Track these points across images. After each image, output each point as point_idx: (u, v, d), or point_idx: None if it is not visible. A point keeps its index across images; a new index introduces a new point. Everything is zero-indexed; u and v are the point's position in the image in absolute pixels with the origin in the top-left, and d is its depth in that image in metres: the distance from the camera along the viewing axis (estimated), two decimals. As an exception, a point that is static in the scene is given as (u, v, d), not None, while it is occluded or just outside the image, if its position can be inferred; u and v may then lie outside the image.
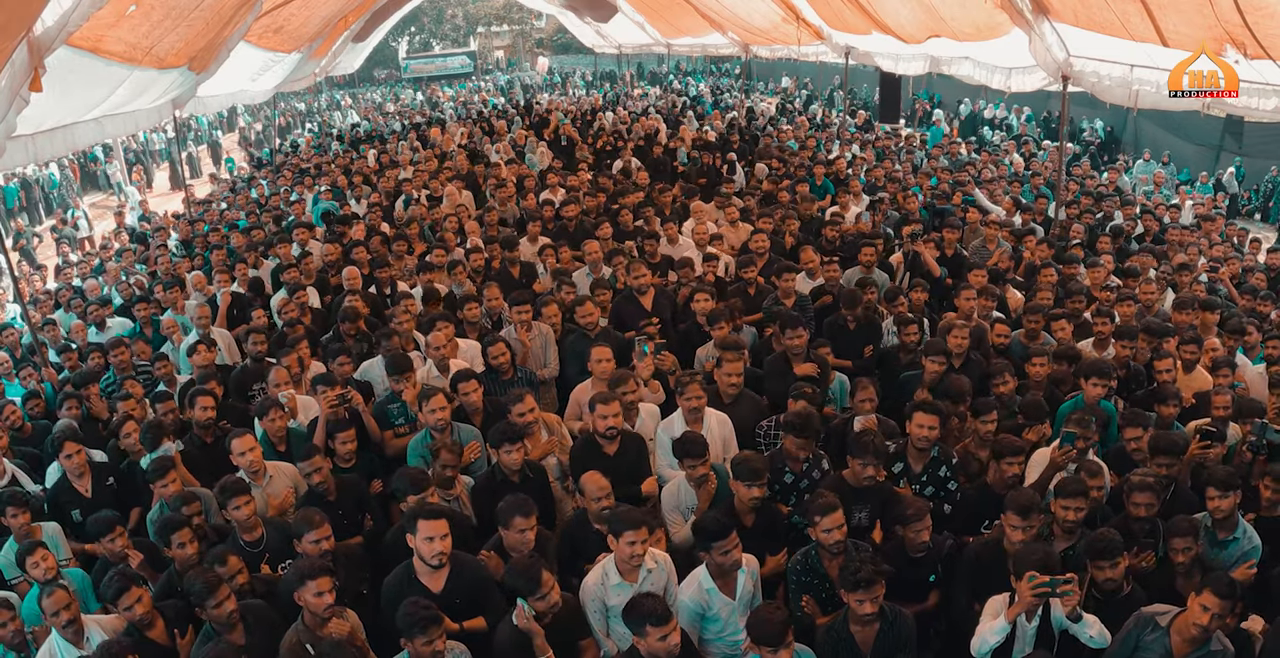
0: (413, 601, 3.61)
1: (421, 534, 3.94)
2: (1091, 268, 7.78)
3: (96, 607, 4.57)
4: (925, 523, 4.29)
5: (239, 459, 5.00)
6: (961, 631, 4.10)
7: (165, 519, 4.61)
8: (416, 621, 3.50)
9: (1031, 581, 3.65)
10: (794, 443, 4.81)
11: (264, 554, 4.54)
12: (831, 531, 4.05)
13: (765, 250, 8.07)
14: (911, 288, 7.45)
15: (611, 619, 3.99)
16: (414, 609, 3.53)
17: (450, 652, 3.77)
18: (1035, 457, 5.05)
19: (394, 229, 10.10)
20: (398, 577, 4.08)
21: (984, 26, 9.80)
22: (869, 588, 3.71)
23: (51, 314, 9.21)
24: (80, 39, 6.83)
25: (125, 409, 5.87)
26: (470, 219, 10.08)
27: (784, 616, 3.55)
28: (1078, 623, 3.74)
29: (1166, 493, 4.64)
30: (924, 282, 7.59)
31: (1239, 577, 4.01)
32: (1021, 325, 6.67)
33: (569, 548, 4.51)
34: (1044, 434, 5.25)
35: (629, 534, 3.93)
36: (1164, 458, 4.72)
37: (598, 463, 4.84)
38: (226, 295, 8.09)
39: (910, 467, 4.93)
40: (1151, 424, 5.16)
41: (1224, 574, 3.79)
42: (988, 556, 4.25)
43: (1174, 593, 4.10)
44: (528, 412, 5.08)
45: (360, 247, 8.80)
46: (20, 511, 4.95)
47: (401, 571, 4.10)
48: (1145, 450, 4.87)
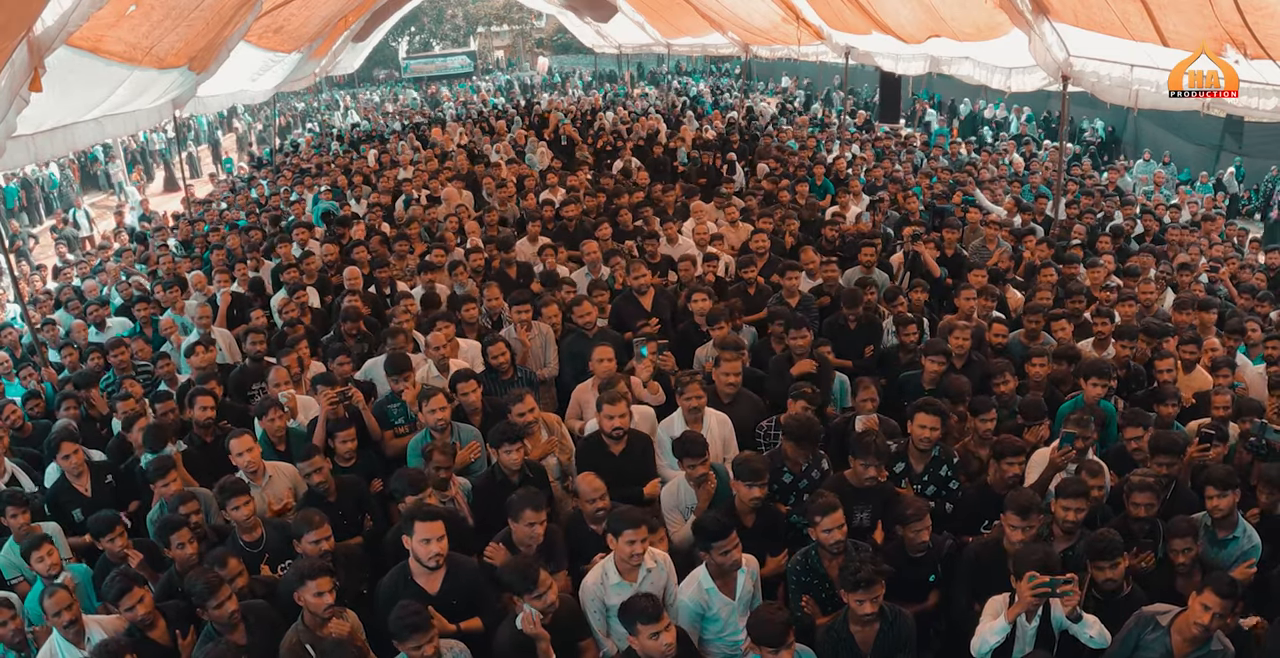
0: (403, 604, 3.61)
1: (418, 536, 3.93)
2: (1091, 268, 7.78)
3: (100, 602, 4.57)
4: (925, 523, 4.29)
5: (238, 459, 4.99)
6: (961, 631, 4.11)
7: (165, 519, 4.60)
8: (406, 625, 3.50)
9: (1031, 581, 3.65)
10: (792, 449, 4.82)
11: (264, 555, 4.55)
12: (832, 531, 4.05)
13: (765, 250, 8.07)
14: (911, 288, 7.46)
15: (611, 619, 4.00)
16: (404, 614, 3.53)
17: (450, 651, 3.78)
18: (1035, 457, 5.05)
19: (394, 229, 10.10)
20: (393, 578, 4.08)
21: (984, 26, 9.80)
22: (869, 588, 3.71)
23: (51, 314, 9.21)
24: (80, 39, 6.82)
25: (125, 409, 5.87)
26: (470, 219, 10.10)
27: (785, 616, 3.56)
28: (1078, 623, 3.73)
29: (1166, 493, 4.64)
30: (924, 282, 7.60)
31: (1239, 576, 4.01)
32: (1021, 325, 6.68)
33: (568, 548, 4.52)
34: (1042, 435, 5.25)
35: (629, 533, 3.93)
36: (1164, 458, 4.73)
37: (604, 463, 4.86)
38: (226, 295, 8.09)
39: (912, 467, 4.94)
40: (1151, 424, 5.16)
41: (1224, 574, 3.80)
42: (988, 556, 4.24)
43: (1174, 593, 4.10)
44: (527, 412, 5.07)
45: (360, 246, 8.80)
46: (20, 510, 4.95)
47: (398, 572, 4.10)
48: (1145, 450, 4.88)
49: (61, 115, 8.22)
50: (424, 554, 3.94)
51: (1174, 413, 5.49)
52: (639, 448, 5.02)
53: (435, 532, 3.93)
